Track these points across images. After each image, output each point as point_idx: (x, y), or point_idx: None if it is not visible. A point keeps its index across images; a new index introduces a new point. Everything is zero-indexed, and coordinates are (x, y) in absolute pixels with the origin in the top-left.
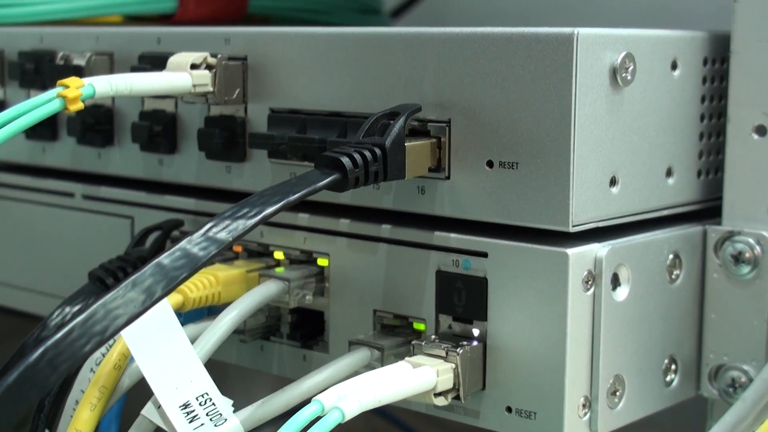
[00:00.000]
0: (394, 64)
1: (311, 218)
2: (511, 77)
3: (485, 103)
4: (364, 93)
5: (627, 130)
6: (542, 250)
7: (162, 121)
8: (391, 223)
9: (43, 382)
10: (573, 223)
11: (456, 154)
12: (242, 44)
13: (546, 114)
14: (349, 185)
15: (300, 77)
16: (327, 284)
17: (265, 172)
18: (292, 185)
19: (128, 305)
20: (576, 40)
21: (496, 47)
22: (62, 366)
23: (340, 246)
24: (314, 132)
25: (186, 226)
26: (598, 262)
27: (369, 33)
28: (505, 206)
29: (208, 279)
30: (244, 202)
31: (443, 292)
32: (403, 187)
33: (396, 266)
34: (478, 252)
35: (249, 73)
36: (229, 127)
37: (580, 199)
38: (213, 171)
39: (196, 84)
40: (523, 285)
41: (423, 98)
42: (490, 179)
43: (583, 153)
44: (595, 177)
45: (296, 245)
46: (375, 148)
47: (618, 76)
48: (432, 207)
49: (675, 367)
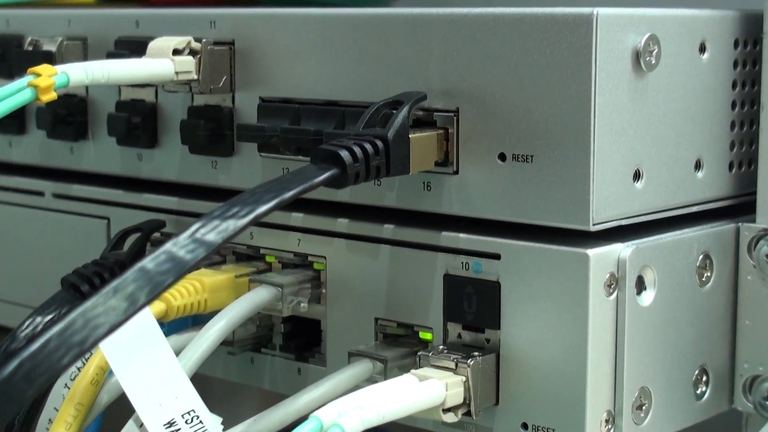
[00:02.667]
0: (396, 48)
1: (306, 218)
2: (525, 62)
3: (497, 90)
4: (363, 80)
5: (652, 119)
6: (560, 251)
7: (141, 112)
8: (394, 223)
9: (18, 396)
10: (594, 222)
11: (465, 147)
12: (229, 27)
13: (563, 102)
14: (348, 181)
15: (293, 63)
16: (324, 290)
17: (254, 167)
18: (286, 182)
19: (109, 313)
20: (595, 20)
21: (508, 29)
22: (39, 379)
23: (338, 248)
24: (309, 123)
25: (168, 227)
26: (621, 264)
27: (369, 14)
28: (519, 203)
29: (193, 285)
30: (234, 201)
31: (452, 297)
32: (407, 183)
33: (400, 270)
34: (490, 254)
35: (237, 59)
36: (215, 118)
37: (601, 195)
38: (197, 167)
39: (178, 71)
40: (540, 289)
41: (428, 85)
42: (503, 174)
43: (604, 144)
44: (618, 170)
45: (290, 247)
46: (376, 141)
47: (641, 60)
48: (439, 205)
49: (706, 378)
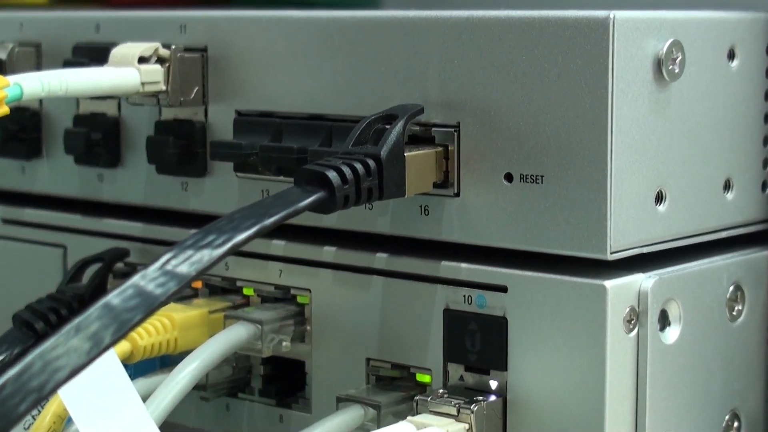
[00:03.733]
0: (390, 56)
1: (288, 246)
2: (535, 71)
3: (503, 102)
4: (353, 91)
5: (675, 135)
6: (574, 282)
7: (102, 128)
8: (388, 251)
9: None
10: (612, 249)
11: (467, 166)
12: (201, 31)
13: (577, 115)
14: (336, 205)
15: (273, 72)
16: (308, 327)
17: (230, 189)
18: (267, 206)
19: (71, 355)
20: (612, 25)
21: (515, 34)
22: None
23: (324, 280)
24: (292, 140)
25: (132, 256)
26: (642, 297)
27: (359, 17)
28: (528, 229)
29: (162, 322)
30: (209, 228)
31: (453, 335)
32: (402, 206)
33: (394, 304)
34: (496, 285)
35: (210, 68)
36: (185, 134)
37: (619, 220)
38: (165, 189)
39: (145, 81)
40: (552, 325)
41: (426, 97)
42: (510, 196)
43: (623, 163)
44: (638, 192)
45: (270, 279)
46: (368, 160)
47: (663, 69)
48: (438, 231)
49: (738, 424)
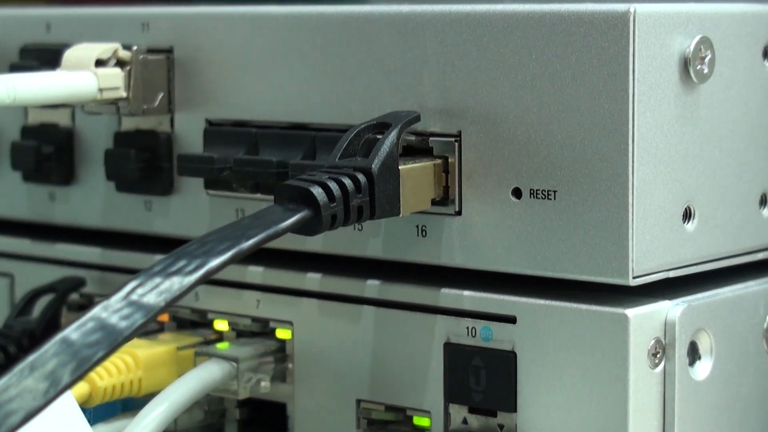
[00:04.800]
0: (381, 56)
1: (267, 272)
2: (545, 73)
3: (510, 108)
4: (339, 96)
5: (705, 143)
6: (592, 311)
7: (54, 140)
8: (381, 278)
9: None
10: (634, 274)
11: (470, 181)
12: (166, 30)
13: (594, 122)
14: (322, 226)
15: (249, 75)
16: (290, 365)
17: (200, 209)
18: (244, 228)
19: (25, 397)
20: (633, 20)
21: (523, 32)
22: None
23: (308, 311)
24: (270, 152)
25: (89, 286)
26: (669, 327)
27: (346, 13)
28: (539, 252)
29: (124, 361)
30: (179, 253)
31: (455, 372)
32: (396, 227)
33: (388, 338)
34: (503, 316)
35: (176, 71)
36: (149, 146)
37: (643, 240)
38: (127, 209)
39: (102, 87)
40: (566, 361)
41: (422, 103)
42: (518, 214)
43: (646, 175)
44: (664, 209)
45: (246, 311)
46: (357, 174)
47: (691, 69)
48: (437, 254)
49: None
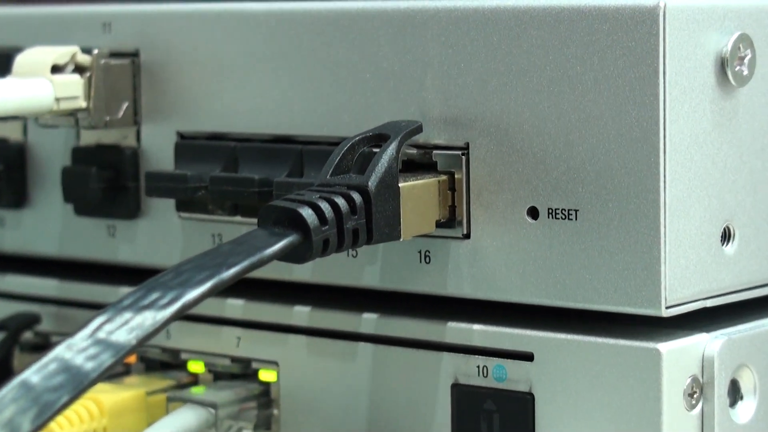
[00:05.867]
0: (377, 58)
1: (249, 306)
2: (564, 77)
3: (524, 117)
4: (330, 105)
5: (745, 155)
6: (620, 346)
7: (3, 157)
8: (379, 311)
9: None
10: (667, 303)
11: (479, 199)
12: (131, 30)
13: (620, 132)
14: (313, 252)
15: (226, 82)
16: (276, 411)
17: (172, 234)
18: (225, 255)
19: None
20: (663, 15)
21: (538, 30)
22: None
23: (295, 349)
24: (251, 168)
25: (45, 324)
26: (707, 363)
27: (336, 9)
28: (559, 279)
29: (87, 408)
30: (151, 284)
31: (464, 417)
32: (396, 252)
33: (387, 379)
34: (519, 353)
35: (143, 77)
36: (112, 163)
37: (676, 266)
38: (87, 235)
39: (59, 96)
40: (591, 403)
41: (425, 111)
42: (535, 237)
43: (680, 192)
44: (700, 230)
45: (225, 350)
46: (352, 193)
47: (729, 70)
48: (443, 283)
49: None
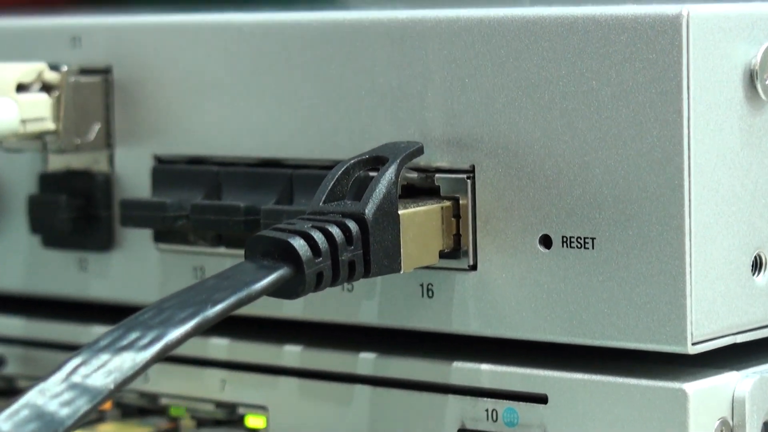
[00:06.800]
0: (374, 73)
1: (234, 345)
2: (578, 92)
3: (534, 137)
4: (322, 125)
5: None
6: (642, 387)
7: None
8: (377, 350)
9: None
10: (693, 339)
11: (487, 227)
12: (103, 45)
13: (640, 152)
14: (305, 287)
15: (207, 101)
16: None
17: (149, 268)
18: (209, 290)
19: None
20: (686, 24)
21: (550, 42)
22: None
23: (286, 392)
24: (236, 195)
25: (10, 367)
26: (737, 405)
27: (328, 20)
28: (575, 314)
29: None
30: (130, 323)
31: None
32: (396, 286)
33: (387, 424)
34: (531, 395)
35: (116, 96)
36: (83, 190)
37: (703, 298)
38: (56, 268)
39: (25, 118)
40: None
41: (426, 132)
42: (548, 268)
43: (706, 217)
44: (728, 258)
45: (209, 394)
46: (347, 222)
47: (758, 84)
48: (448, 319)
49: None
